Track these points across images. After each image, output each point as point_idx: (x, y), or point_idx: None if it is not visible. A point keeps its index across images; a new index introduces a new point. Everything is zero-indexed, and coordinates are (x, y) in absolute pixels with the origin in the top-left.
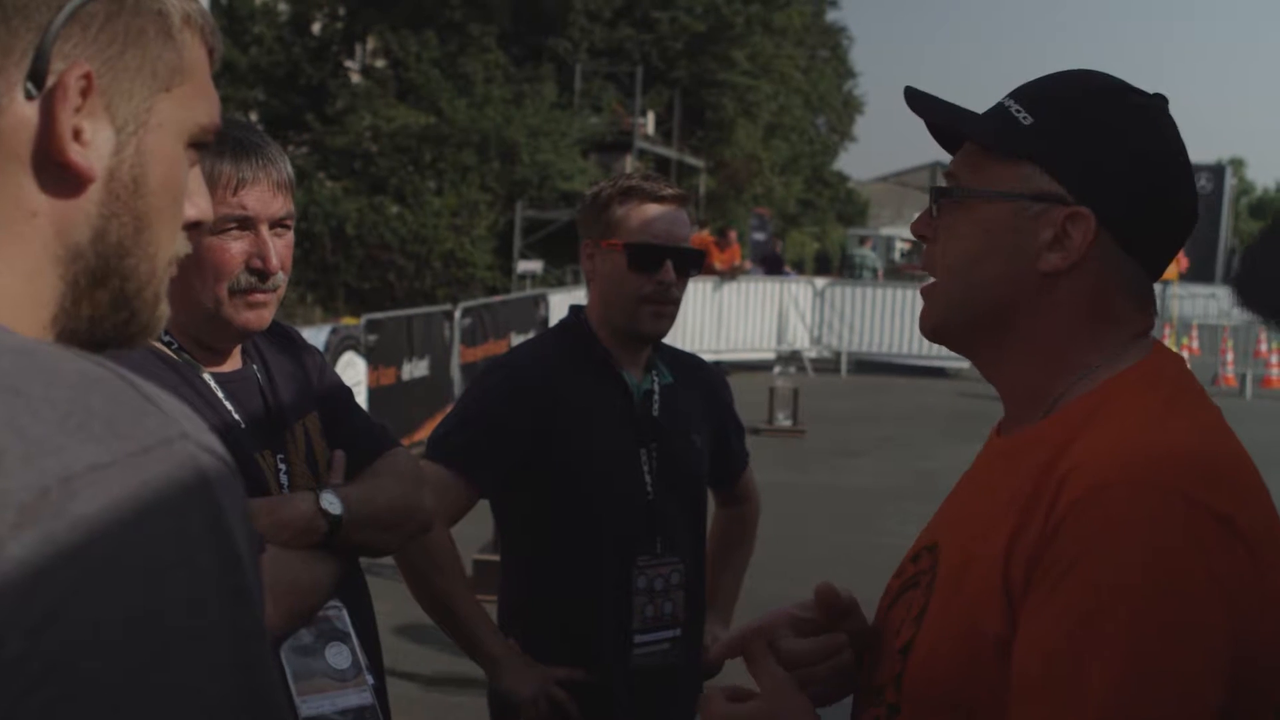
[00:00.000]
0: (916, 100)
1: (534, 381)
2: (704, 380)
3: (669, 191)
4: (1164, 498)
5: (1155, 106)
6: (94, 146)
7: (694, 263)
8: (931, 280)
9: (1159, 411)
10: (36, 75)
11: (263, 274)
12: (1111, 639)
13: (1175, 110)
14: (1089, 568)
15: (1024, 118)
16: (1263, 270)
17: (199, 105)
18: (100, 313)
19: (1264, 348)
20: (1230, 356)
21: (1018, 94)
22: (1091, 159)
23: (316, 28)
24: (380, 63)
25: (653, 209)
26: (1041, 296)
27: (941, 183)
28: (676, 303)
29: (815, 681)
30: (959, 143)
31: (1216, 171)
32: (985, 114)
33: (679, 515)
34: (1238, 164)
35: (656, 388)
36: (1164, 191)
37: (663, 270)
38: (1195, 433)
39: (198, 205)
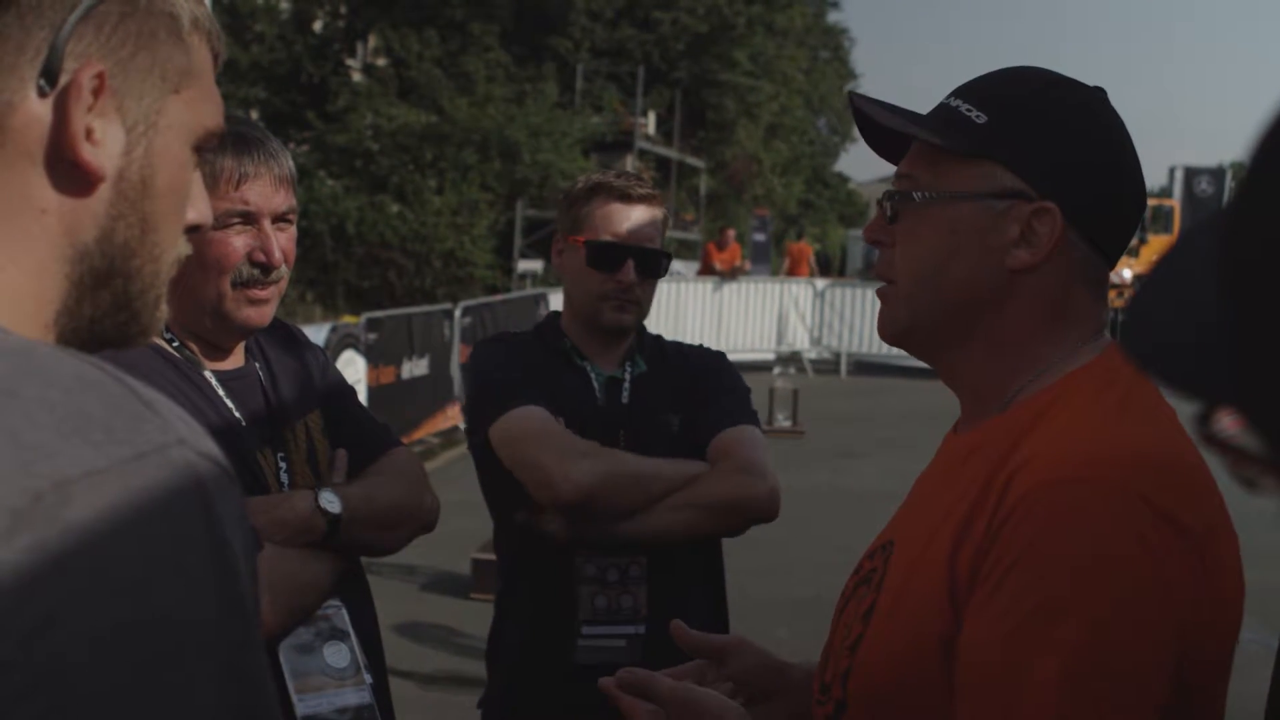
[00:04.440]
0: (863, 105)
1: (515, 345)
2: (688, 364)
3: (640, 191)
4: (1109, 495)
5: (1098, 99)
6: (105, 146)
7: (659, 264)
8: (887, 284)
9: (1112, 410)
10: (49, 73)
11: (265, 267)
12: (1055, 636)
13: (1177, 114)
14: (1034, 564)
15: (976, 116)
16: (1134, 317)
17: (205, 108)
18: (101, 312)
19: None
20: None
21: (962, 93)
22: (1051, 153)
23: (318, 26)
24: (381, 61)
25: (619, 208)
26: (1006, 294)
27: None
28: (639, 301)
29: None
30: (900, 150)
31: (1217, 175)
32: (933, 115)
33: None
34: (1239, 167)
35: (628, 378)
36: (1120, 179)
37: (622, 270)
38: (1147, 432)
39: (197, 208)
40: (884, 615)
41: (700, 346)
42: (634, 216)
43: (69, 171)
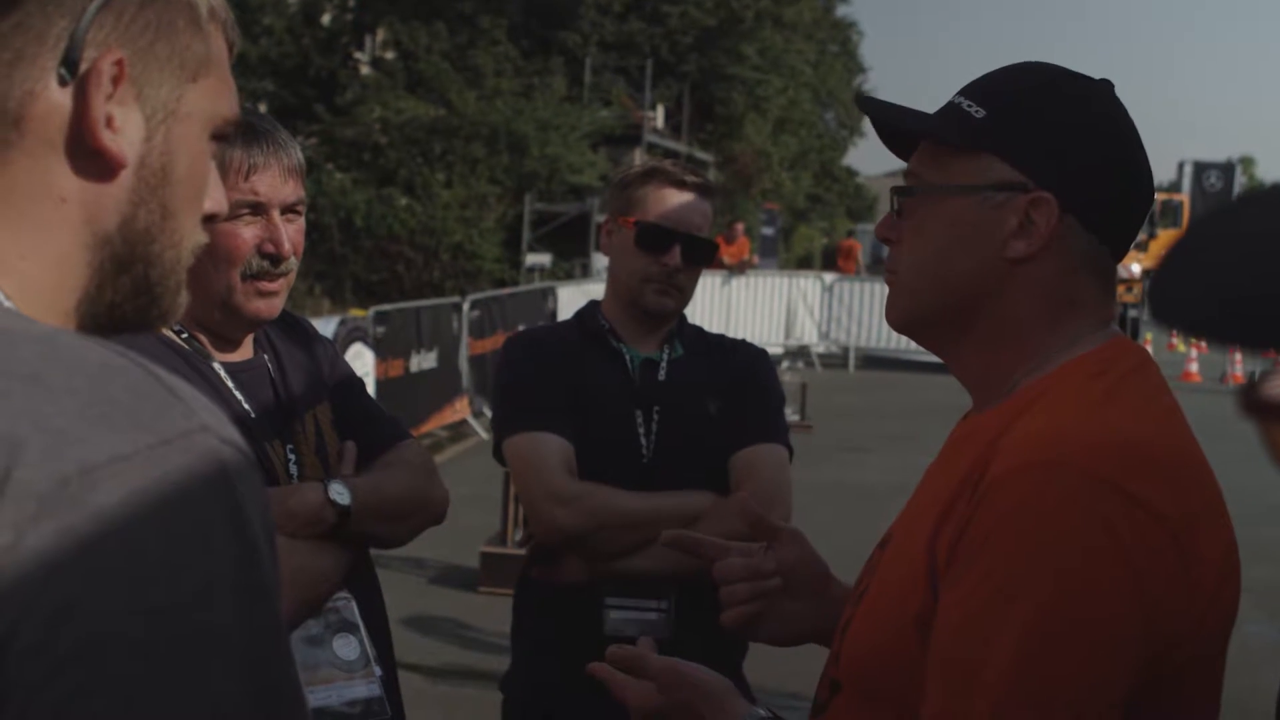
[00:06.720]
0: (870, 106)
1: (545, 340)
2: (729, 357)
3: (692, 179)
4: (1078, 479)
5: (1102, 90)
6: (125, 133)
7: (705, 252)
8: (892, 275)
9: (1097, 398)
10: (69, 61)
11: (275, 258)
12: (1017, 614)
13: (1186, 109)
14: (1001, 544)
15: (976, 111)
16: (1171, 292)
17: (222, 97)
18: (122, 298)
19: None
20: (1239, 354)
21: (967, 91)
22: (1047, 143)
23: (326, 19)
24: (390, 54)
25: (671, 193)
26: (1007, 284)
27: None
28: (682, 288)
29: (736, 600)
30: (914, 148)
31: (1226, 170)
32: (937, 113)
33: (683, 481)
34: (1248, 162)
35: (665, 359)
36: (1120, 169)
37: (669, 254)
38: (1129, 420)
39: (213, 197)
40: (872, 598)
41: (743, 341)
42: (686, 203)
43: (90, 159)
